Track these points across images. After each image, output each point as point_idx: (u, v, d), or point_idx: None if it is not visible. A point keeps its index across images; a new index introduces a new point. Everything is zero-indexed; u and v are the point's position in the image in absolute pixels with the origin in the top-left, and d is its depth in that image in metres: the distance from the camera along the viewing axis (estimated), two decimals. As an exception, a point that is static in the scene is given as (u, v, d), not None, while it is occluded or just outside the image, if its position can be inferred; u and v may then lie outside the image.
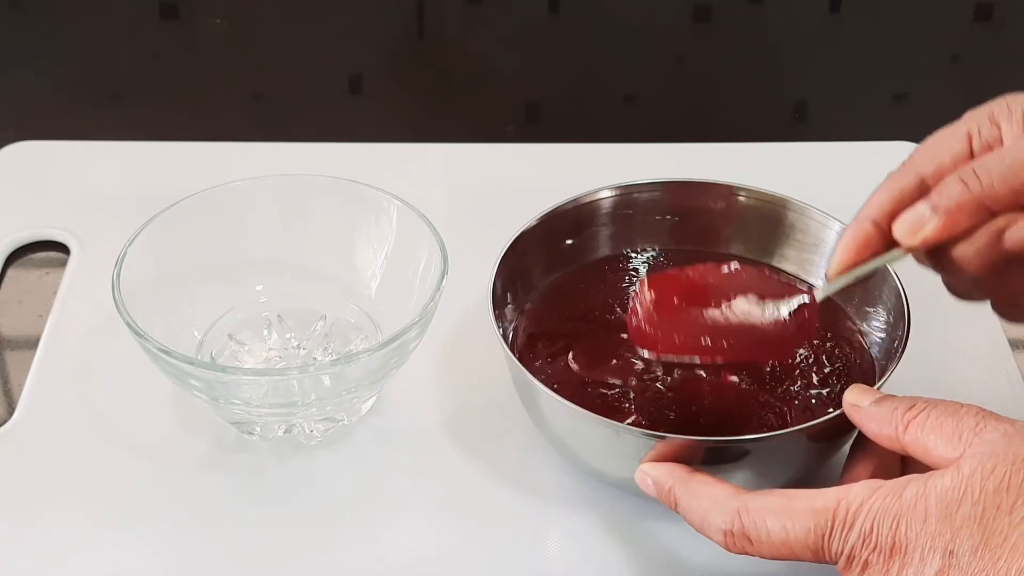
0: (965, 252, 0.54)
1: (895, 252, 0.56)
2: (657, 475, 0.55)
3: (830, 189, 0.73)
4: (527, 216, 0.67)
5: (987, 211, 0.53)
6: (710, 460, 0.56)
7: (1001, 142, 0.55)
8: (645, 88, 0.99)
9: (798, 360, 0.63)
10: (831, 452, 0.60)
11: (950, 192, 0.53)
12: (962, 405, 0.51)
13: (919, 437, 0.51)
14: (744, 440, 0.56)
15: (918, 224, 0.54)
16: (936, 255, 0.55)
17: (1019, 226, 0.53)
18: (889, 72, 0.98)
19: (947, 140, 0.56)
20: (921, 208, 0.54)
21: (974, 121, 0.56)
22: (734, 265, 0.59)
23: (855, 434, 0.58)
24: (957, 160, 0.55)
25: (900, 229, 0.55)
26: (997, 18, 0.95)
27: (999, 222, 0.53)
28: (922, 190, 0.55)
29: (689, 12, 0.95)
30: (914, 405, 0.52)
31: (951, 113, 0.59)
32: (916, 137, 0.56)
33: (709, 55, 0.97)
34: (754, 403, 0.60)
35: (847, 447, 0.58)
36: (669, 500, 0.55)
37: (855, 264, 0.56)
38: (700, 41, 0.96)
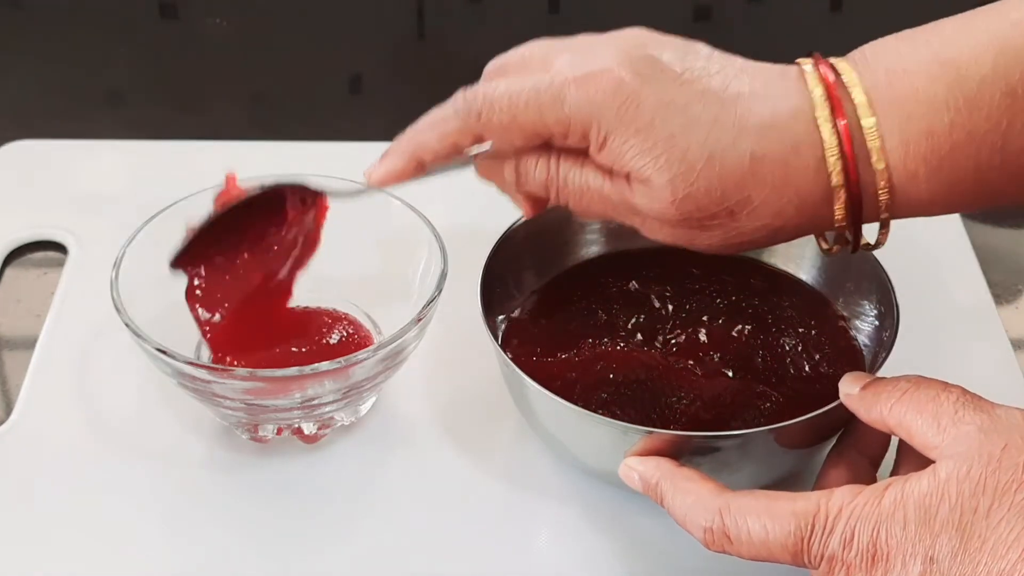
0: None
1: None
2: (643, 470, 0.55)
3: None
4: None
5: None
6: (694, 454, 0.56)
7: None
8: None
9: (787, 350, 0.63)
10: (818, 448, 0.60)
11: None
12: (944, 388, 0.51)
13: (902, 421, 0.51)
14: (729, 436, 0.57)
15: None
16: None
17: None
18: (889, 72, 0.97)
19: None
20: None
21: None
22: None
23: (840, 433, 0.58)
24: None
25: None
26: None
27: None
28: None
29: (689, 12, 0.95)
30: (898, 385, 0.52)
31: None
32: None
33: (709, 55, 0.97)
34: (743, 398, 0.60)
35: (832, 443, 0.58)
36: (655, 494, 0.55)
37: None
38: (700, 41, 0.96)
